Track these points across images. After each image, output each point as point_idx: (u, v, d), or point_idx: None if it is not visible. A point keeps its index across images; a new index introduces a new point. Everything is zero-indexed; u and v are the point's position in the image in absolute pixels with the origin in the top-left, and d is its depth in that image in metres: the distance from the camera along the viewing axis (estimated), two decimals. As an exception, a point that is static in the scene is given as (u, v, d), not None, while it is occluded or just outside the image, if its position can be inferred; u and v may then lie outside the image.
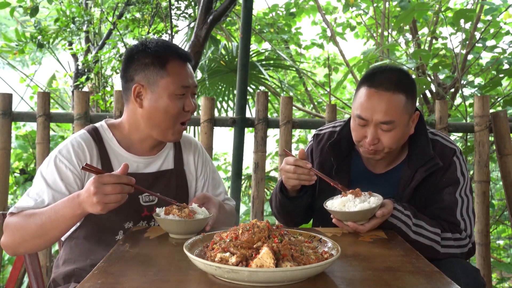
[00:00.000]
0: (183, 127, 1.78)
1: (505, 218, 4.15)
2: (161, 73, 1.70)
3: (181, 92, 1.72)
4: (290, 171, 1.71)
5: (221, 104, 4.58)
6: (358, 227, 1.59)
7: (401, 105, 1.73)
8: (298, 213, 1.96)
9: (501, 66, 4.01)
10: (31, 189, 1.68)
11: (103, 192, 1.41)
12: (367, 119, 1.74)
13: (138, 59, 1.74)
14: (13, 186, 4.43)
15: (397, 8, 4.82)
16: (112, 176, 1.43)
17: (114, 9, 4.86)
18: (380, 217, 1.59)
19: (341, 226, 1.63)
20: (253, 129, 3.01)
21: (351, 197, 1.61)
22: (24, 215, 1.58)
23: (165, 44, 1.77)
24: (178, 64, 1.73)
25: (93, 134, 1.78)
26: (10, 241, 1.61)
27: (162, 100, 1.70)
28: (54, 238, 1.59)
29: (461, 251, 1.75)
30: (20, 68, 7.31)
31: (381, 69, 1.80)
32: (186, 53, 1.78)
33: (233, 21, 5.59)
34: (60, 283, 1.75)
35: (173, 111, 1.72)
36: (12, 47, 4.59)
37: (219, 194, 1.98)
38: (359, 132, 1.78)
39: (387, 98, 1.72)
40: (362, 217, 1.57)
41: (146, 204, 1.78)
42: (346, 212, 1.57)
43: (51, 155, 1.72)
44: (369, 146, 1.76)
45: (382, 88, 1.72)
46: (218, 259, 1.14)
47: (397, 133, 1.75)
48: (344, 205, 1.59)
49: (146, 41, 1.78)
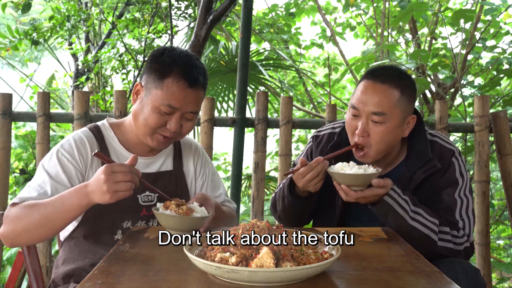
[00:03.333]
0: (164, 138, 1.73)
1: (505, 218, 4.15)
2: (157, 84, 1.68)
3: (166, 110, 1.67)
4: (313, 177, 1.72)
5: (221, 104, 4.58)
6: (349, 192, 1.64)
7: (394, 99, 1.75)
8: (307, 212, 1.96)
9: (501, 66, 4.01)
10: (32, 181, 1.68)
11: (114, 179, 1.42)
12: (359, 109, 1.77)
13: (153, 61, 1.73)
14: (13, 186, 4.43)
15: (397, 8, 4.82)
16: (123, 165, 1.46)
17: (114, 9, 4.86)
18: (376, 185, 1.63)
19: (338, 189, 1.69)
20: (253, 129, 3.01)
21: (352, 163, 1.67)
22: (27, 205, 1.56)
23: (182, 60, 1.70)
24: (177, 84, 1.66)
25: (94, 131, 1.79)
26: (10, 231, 1.58)
27: (147, 108, 1.69)
28: (57, 228, 1.58)
29: (457, 248, 1.75)
30: (19, 68, 7.31)
31: (383, 66, 1.87)
32: (196, 78, 1.69)
33: (233, 21, 5.59)
34: (59, 284, 1.75)
35: (151, 123, 1.69)
36: (6, 44, 4.58)
37: (219, 195, 1.97)
38: (352, 123, 1.81)
39: (381, 89, 1.76)
40: (355, 182, 1.63)
41: (145, 204, 1.78)
42: (339, 174, 1.64)
43: (53, 150, 1.73)
44: (358, 138, 1.78)
45: (378, 80, 1.78)
46: (218, 259, 1.14)
47: (388, 128, 1.76)
48: (342, 168, 1.66)
49: (172, 48, 1.74)
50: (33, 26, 4.48)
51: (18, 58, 9.20)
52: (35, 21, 4.69)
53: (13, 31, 4.53)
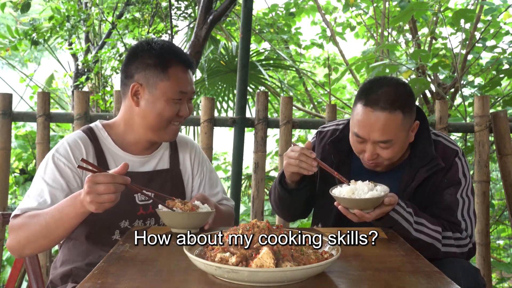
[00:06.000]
0: (176, 127, 1.78)
1: (505, 218, 4.15)
2: (161, 76, 1.70)
3: (178, 97, 1.72)
4: (293, 157, 1.72)
5: (221, 104, 4.58)
6: (365, 215, 1.59)
7: (398, 123, 1.72)
8: (296, 206, 1.97)
9: (501, 66, 4.01)
10: (31, 191, 1.67)
11: (96, 191, 1.39)
12: (364, 138, 1.75)
13: (141, 57, 1.73)
14: (13, 186, 4.43)
15: (397, 8, 4.82)
16: (107, 175, 1.41)
17: (113, 9, 4.85)
18: (388, 204, 1.59)
19: (346, 213, 1.62)
20: (253, 129, 3.01)
21: (360, 185, 1.61)
22: (28, 216, 1.58)
23: (170, 47, 1.76)
24: (180, 70, 1.73)
25: (88, 133, 1.78)
26: (15, 243, 1.60)
27: (159, 102, 1.70)
28: (58, 237, 1.58)
29: (461, 251, 1.75)
30: (19, 68, 7.31)
31: (378, 83, 1.78)
32: (190, 59, 1.78)
33: (233, 21, 5.58)
34: (57, 284, 1.75)
35: (168, 115, 1.72)
36: (5, 44, 4.58)
37: (216, 193, 1.98)
38: (358, 147, 1.80)
39: (383, 118, 1.70)
40: (371, 205, 1.57)
41: (142, 203, 1.78)
42: (355, 200, 1.56)
43: (47, 156, 1.72)
44: (368, 161, 1.79)
45: (378, 107, 1.71)
46: (218, 259, 1.14)
47: (396, 148, 1.76)
48: (353, 192, 1.59)
49: (152, 41, 1.77)
50: (33, 26, 4.48)
51: (18, 58, 9.20)
52: (35, 21, 4.69)
53: (12, 31, 4.53)
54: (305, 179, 1.85)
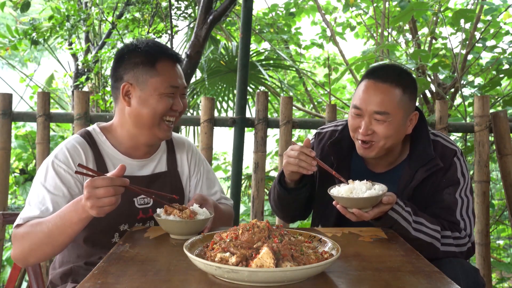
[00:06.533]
0: (169, 124, 1.77)
1: (505, 218, 4.15)
2: (151, 73, 1.71)
3: (170, 92, 1.73)
4: (292, 156, 1.72)
5: (221, 104, 4.58)
6: (363, 214, 1.59)
7: (397, 98, 1.76)
8: (295, 207, 1.97)
9: (501, 66, 4.01)
10: (31, 199, 1.66)
11: (96, 196, 1.38)
12: (362, 109, 1.77)
13: (128, 58, 1.74)
14: (13, 186, 4.43)
15: (397, 8, 4.82)
16: (105, 179, 1.39)
17: (114, 9, 4.85)
18: (386, 203, 1.60)
19: (344, 213, 1.63)
20: (253, 129, 3.01)
21: (358, 184, 1.61)
22: (31, 225, 1.57)
23: (155, 44, 1.78)
24: (168, 64, 1.74)
25: (86, 137, 1.77)
26: (19, 252, 1.59)
27: (151, 98, 1.71)
28: (62, 244, 1.57)
29: (460, 250, 1.75)
30: (19, 68, 7.31)
31: (384, 65, 1.86)
32: (176, 54, 1.80)
33: (233, 21, 5.58)
34: (57, 283, 1.75)
35: (161, 110, 1.72)
36: (5, 44, 4.58)
37: (214, 193, 1.97)
38: (354, 122, 1.81)
39: (383, 89, 1.76)
40: (369, 203, 1.58)
41: (141, 207, 1.78)
42: (354, 199, 1.57)
43: (46, 162, 1.70)
44: (363, 136, 1.78)
45: (380, 80, 1.77)
46: (218, 259, 1.14)
47: (391, 125, 1.76)
48: (352, 192, 1.60)
49: (137, 41, 1.79)
50: (33, 26, 4.48)
51: (18, 58, 9.20)
52: (35, 21, 4.69)
53: (12, 31, 4.53)
54: (304, 178, 1.85)
